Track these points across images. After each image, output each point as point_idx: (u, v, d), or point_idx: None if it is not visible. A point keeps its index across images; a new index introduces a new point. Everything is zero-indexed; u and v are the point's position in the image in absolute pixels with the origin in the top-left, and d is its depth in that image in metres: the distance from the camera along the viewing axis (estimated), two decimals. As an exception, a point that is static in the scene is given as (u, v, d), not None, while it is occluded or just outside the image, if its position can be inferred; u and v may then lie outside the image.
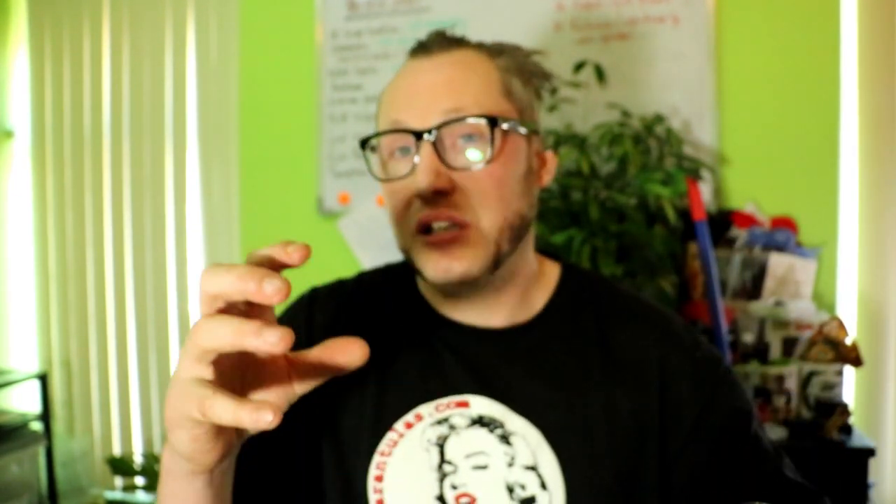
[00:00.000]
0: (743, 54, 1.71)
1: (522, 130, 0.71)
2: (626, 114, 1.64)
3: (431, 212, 0.67)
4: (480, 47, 0.72)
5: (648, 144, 1.60)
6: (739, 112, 1.71)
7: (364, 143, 0.72)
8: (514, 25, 1.79)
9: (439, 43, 0.71)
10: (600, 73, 1.70)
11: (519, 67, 0.73)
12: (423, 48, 0.72)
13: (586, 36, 1.79)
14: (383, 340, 0.74)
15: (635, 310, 0.76)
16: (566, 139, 1.60)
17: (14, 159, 2.38)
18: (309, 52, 1.99)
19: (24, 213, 2.37)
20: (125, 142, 2.21)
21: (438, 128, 0.66)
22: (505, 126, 0.68)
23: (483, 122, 0.67)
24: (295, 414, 0.73)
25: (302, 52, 2.00)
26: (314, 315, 0.77)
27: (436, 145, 0.66)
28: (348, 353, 0.47)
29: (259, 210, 2.07)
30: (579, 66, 1.68)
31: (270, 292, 0.40)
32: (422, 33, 0.74)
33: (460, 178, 0.67)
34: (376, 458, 0.69)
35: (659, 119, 1.61)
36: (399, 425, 0.70)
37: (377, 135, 0.71)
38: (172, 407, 0.44)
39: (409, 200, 0.68)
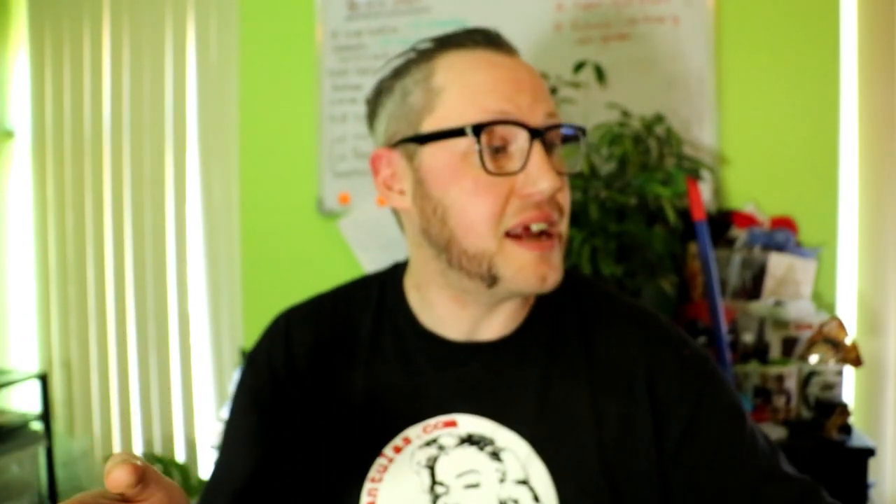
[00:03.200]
0: (743, 54, 1.71)
1: None
2: (626, 114, 1.64)
3: (540, 213, 0.65)
4: None
5: (648, 144, 1.60)
6: (739, 112, 1.71)
7: (477, 130, 0.64)
8: (514, 25, 1.78)
9: (503, 41, 0.70)
10: (600, 73, 1.70)
11: None
12: (494, 41, 0.69)
13: (586, 36, 1.79)
14: (367, 361, 0.73)
15: (619, 310, 0.75)
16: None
17: (14, 159, 2.38)
18: (309, 52, 1.99)
19: (24, 213, 2.37)
20: (125, 142, 2.20)
21: (548, 129, 0.66)
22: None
23: (580, 132, 0.69)
24: (285, 443, 0.72)
25: (302, 52, 2.00)
26: (292, 342, 0.75)
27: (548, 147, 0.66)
28: (112, 480, 0.44)
29: (259, 210, 2.07)
30: (579, 66, 1.68)
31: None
32: (422, 33, 0.72)
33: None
34: (367, 485, 0.68)
35: (659, 119, 1.61)
36: (388, 450, 0.69)
37: (494, 122, 0.63)
38: None
39: (506, 198, 0.64)
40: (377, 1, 1.92)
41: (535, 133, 0.63)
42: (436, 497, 0.67)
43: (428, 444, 0.68)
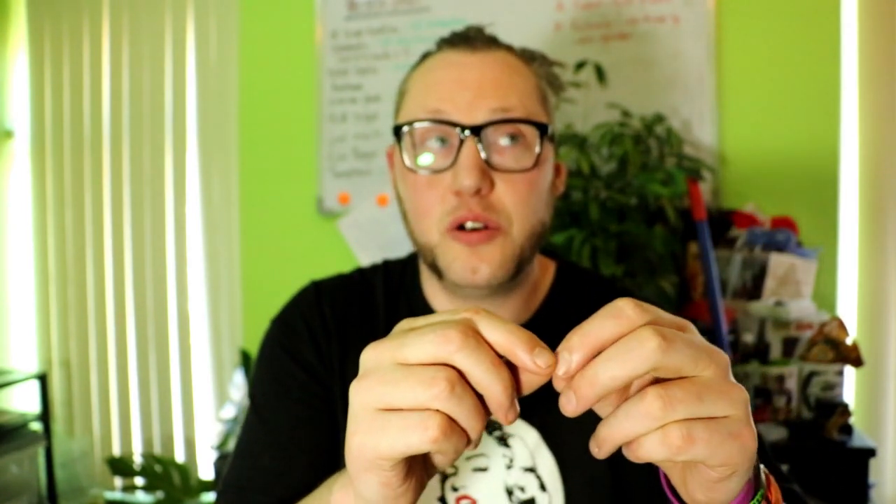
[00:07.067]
0: (743, 54, 1.71)
1: (554, 139, 0.72)
2: (626, 114, 1.63)
3: (468, 212, 0.65)
4: (516, 52, 0.72)
5: (648, 144, 1.60)
6: (739, 112, 1.71)
7: (398, 129, 0.69)
8: (514, 25, 1.79)
9: (482, 39, 0.70)
10: (600, 73, 1.70)
11: (546, 76, 0.73)
12: (465, 40, 0.70)
13: (586, 36, 1.79)
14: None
15: None
16: (566, 139, 1.60)
17: (14, 159, 2.38)
18: (309, 52, 1.99)
19: (23, 213, 2.36)
20: (125, 142, 2.20)
21: (487, 125, 0.65)
22: (549, 133, 0.68)
23: (532, 126, 0.66)
24: (328, 400, 0.72)
25: (302, 52, 2.00)
26: (323, 306, 0.76)
27: (481, 143, 0.65)
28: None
29: (259, 210, 2.07)
30: (579, 66, 1.68)
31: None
32: (422, 33, 0.73)
33: (499, 179, 0.66)
34: None
35: (659, 119, 1.61)
36: None
37: (415, 122, 0.67)
38: (365, 445, 0.38)
39: (443, 195, 0.66)
40: (377, 1, 1.92)
41: (473, 130, 0.65)
42: (444, 477, 0.68)
43: None
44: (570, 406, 0.37)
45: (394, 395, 0.37)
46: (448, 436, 0.36)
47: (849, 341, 1.37)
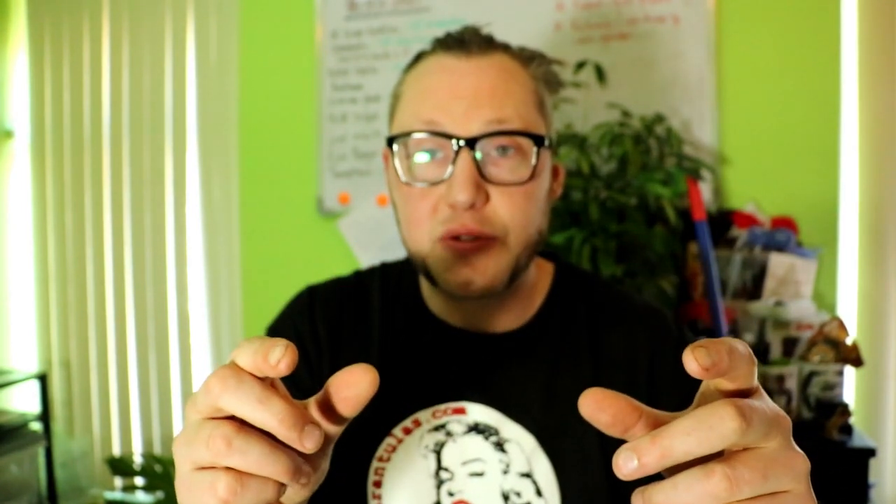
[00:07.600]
0: (743, 54, 1.71)
1: (552, 146, 0.70)
2: (626, 114, 1.63)
3: (462, 226, 0.64)
4: (513, 52, 0.70)
5: (648, 144, 1.60)
6: (739, 112, 1.71)
7: (392, 141, 0.68)
8: (514, 25, 1.79)
9: (478, 42, 0.69)
10: (600, 73, 1.70)
11: (545, 77, 0.72)
12: (461, 45, 0.68)
13: (586, 36, 1.79)
14: (383, 343, 0.74)
15: (627, 309, 0.75)
16: (566, 139, 1.60)
17: (14, 159, 2.38)
18: (309, 52, 1.99)
19: (23, 213, 2.36)
20: (125, 142, 2.20)
21: (481, 138, 0.64)
22: (545, 144, 0.67)
23: (528, 140, 0.65)
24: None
25: (302, 52, 2.00)
26: (315, 314, 0.76)
27: (476, 155, 0.64)
28: (353, 384, 0.39)
29: (259, 210, 2.07)
30: (579, 66, 1.68)
31: (309, 447, 0.36)
32: (422, 33, 0.73)
33: (494, 191, 0.65)
34: (375, 464, 0.68)
35: (659, 119, 1.61)
36: (397, 431, 0.69)
37: (409, 133, 0.66)
38: None
39: (436, 206, 0.66)
40: (377, 1, 1.92)
41: (468, 142, 0.63)
42: (440, 482, 0.67)
43: (437, 428, 0.69)
44: (627, 469, 0.34)
45: (192, 455, 0.36)
46: (242, 491, 0.35)
47: (849, 341, 1.37)
